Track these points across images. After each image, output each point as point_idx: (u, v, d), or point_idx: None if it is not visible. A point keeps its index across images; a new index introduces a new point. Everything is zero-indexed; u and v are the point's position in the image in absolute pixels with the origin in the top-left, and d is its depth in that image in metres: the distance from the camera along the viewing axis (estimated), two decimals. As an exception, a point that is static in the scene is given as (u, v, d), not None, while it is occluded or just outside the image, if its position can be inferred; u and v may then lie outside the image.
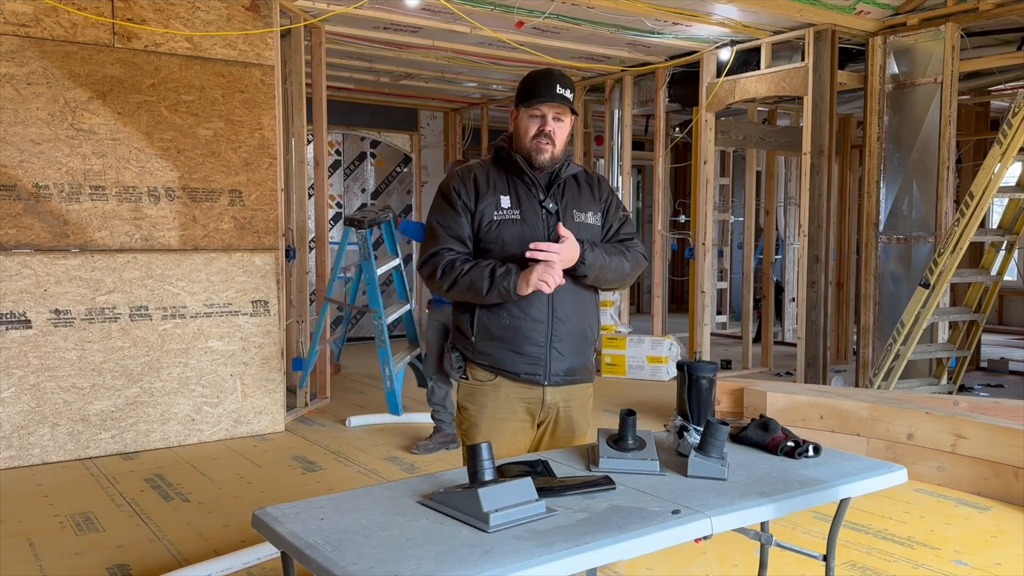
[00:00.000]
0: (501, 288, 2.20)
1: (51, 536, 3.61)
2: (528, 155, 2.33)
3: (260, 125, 5.33)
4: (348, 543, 1.59)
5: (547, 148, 2.32)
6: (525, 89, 2.33)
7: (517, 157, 2.35)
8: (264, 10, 5.31)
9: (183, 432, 5.10)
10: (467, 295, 2.28)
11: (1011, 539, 3.60)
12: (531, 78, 2.35)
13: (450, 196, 2.35)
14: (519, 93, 2.36)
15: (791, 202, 9.41)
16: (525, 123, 2.33)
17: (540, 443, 2.44)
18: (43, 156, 4.64)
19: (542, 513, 1.73)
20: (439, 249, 2.31)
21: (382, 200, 9.98)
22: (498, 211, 2.31)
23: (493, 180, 2.35)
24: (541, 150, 2.32)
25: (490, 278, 2.21)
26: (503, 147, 2.41)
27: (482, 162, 2.43)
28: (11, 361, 4.58)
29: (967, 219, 5.34)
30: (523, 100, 2.33)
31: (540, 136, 2.31)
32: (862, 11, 6.07)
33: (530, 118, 2.32)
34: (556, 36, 6.70)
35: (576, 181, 2.43)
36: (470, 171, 2.38)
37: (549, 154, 2.33)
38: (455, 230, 2.32)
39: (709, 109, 7.15)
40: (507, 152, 2.38)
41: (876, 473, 2.12)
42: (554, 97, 2.29)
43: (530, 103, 2.31)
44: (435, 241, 2.33)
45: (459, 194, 2.33)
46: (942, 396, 5.40)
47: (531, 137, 2.32)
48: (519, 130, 2.35)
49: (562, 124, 2.34)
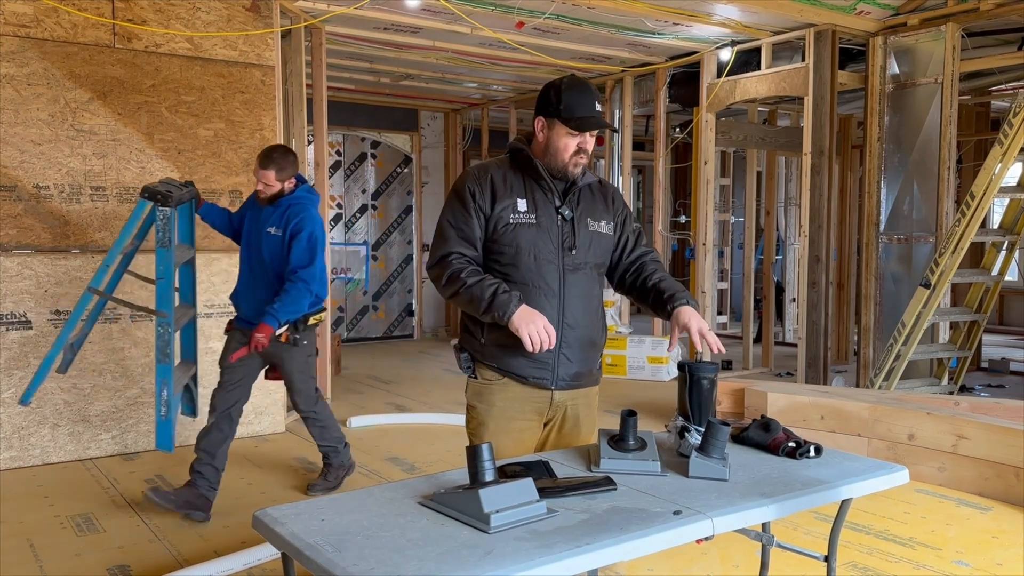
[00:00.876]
0: (497, 313, 2.17)
1: (51, 537, 3.61)
2: (563, 171, 2.31)
3: (260, 126, 5.33)
4: (349, 544, 1.59)
5: (582, 162, 2.32)
6: (564, 105, 2.26)
7: (537, 162, 2.32)
8: (264, 11, 5.31)
9: (183, 433, 5.09)
10: (466, 307, 2.28)
11: (1012, 540, 3.60)
12: (570, 92, 2.27)
13: (464, 197, 2.30)
14: (553, 104, 2.28)
15: (791, 202, 9.41)
16: (563, 140, 2.28)
17: (547, 441, 2.45)
18: (44, 157, 4.64)
19: (543, 514, 1.72)
20: (448, 253, 2.28)
21: (382, 202, 9.99)
22: (515, 214, 2.29)
23: (510, 182, 2.33)
24: (577, 165, 2.31)
25: (490, 300, 2.18)
26: (522, 149, 2.36)
27: (498, 163, 2.39)
28: (12, 362, 4.58)
29: (968, 219, 5.33)
30: (563, 118, 2.26)
31: (578, 153, 2.30)
32: (862, 11, 6.07)
33: (568, 135, 2.27)
34: (556, 36, 6.70)
35: (591, 190, 2.42)
36: (486, 171, 2.35)
37: (583, 168, 2.33)
38: (466, 232, 2.29)
39: (709, 109, 7.15)
40: (525, 155, 2.34)
41: (877, 474, 2.12)
42: (601, 124, 2.27)
43: (576, 127, 2.25)
44: (445, 243, 2.30)
45: (474, 195, 2.29)
46: (943, 396, 5.40)
47: (570, 155, 2.29)
48: (554, 144, 2.29)
49: (594, 137, 2.35)
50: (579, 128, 2.26)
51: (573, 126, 2.26)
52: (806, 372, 6.52)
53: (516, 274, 2.29)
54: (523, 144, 2.38)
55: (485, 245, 2.32)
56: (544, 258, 2.29)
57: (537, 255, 2.28)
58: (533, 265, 2.28)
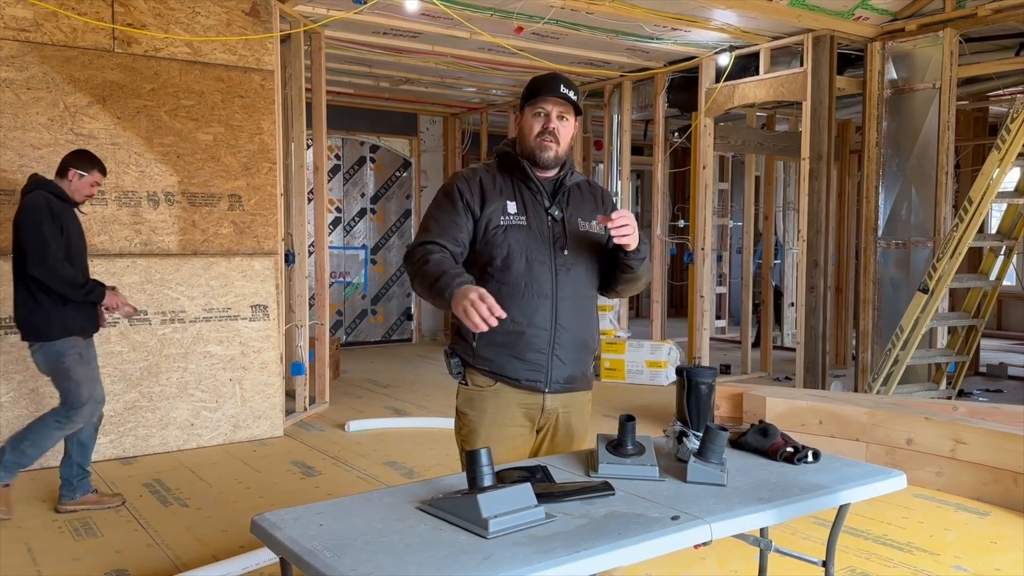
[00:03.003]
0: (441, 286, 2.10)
1: (49, 541, 3.60)
2: (532, 154, 2.32)
3: (260, 130, 5.33)
4: (347, 549, 1.59)
5: (551, 146, 2.30)
6: (529, 90, 2.33)
7: (524, 163, 2.33)
8: (264, 15, 5.32)
9: (182, 437, 5.09)
10: (424, 294, 2.22)
11: (1010, 545, 3.60)
12: (536, 79, 2.35)
13: (452, 194, 2.32)
14: (523, 98, 2.36)
15: (790, 207, 9.42)
16: (529, 122, 2.32)
17: (540, 449, 2.43)
18: (43, 161, 4.64)
19: (541, 519, 1.72)
20: (423, 242, 2.28)
21: (381, 205, 9.99)
22: (505, 216, 2.29)
23: (499, 185, 2.34)
24: (545, 148, 2.30)
25: (438, 276, 2.12)
26: (507, 151, 2.39)
27: (486, 166, 2.41)
28: (10, 366, 4.57)
29: (966, 224, 5.34)
30: (527, 100, 2.33)
31: (544, 134, 2.30)
32: (861, 17, 6.09)
33: (534, 116, 2.31)
34: (555, 41, 6.71)
35: (580, 190, 2.43)
36: (475, 174, 2.36)
37: (553, 152, 2.31)
38: (446, 226, 2.28)
39: (708, 114, 7.17)
40: (512, 157, 2.37)
41: (875, 479, 2.12)
42: (557, 93, 2.28)
43: (534, 101, 2.30)
44: (423, 235, 2.31)
45: (462, 194, 2.30)
46: (941, 401, 5.40)
47: (535, 135, 2.30)
48: (523, 130, 2.34)
49: (566, 124, 2.33)
50: (533, 100, 2.29)
51: (532, 103, 2.30)
52: (804, 376, 6.53)
53: (508, 277, 2.28)
54: (509, 147, 2.40)
55: (476, 248, 2.32)
56: (536, 259, 2.28)
57: (529, 257, 2.28)
58: (525, 267, 2.27)
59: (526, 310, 2.27)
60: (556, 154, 2.32)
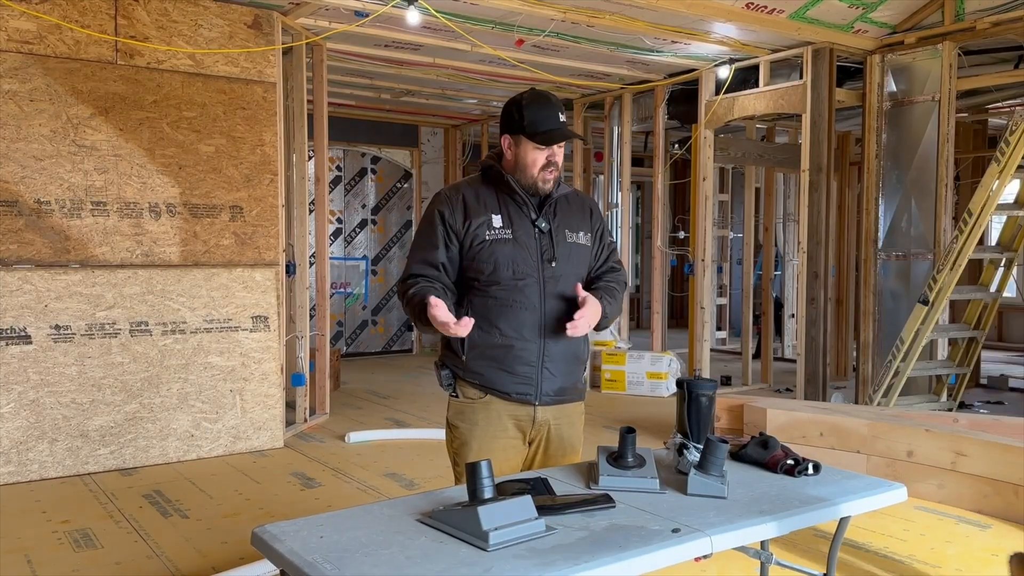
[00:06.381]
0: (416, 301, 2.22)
1: (49, 552, 3.59)
2: (534, 186, 2.31)
3: (261, 141, 5.35)
4: (348, 561, 1.59)
5: (552, 176, 2.31)
6: (528, 121, 2.27)
7: (508, 177, 2.32)
8: (266, 27, 5.35)
9: (182, 448, 5.09)
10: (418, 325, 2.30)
11: (1012, 557, 3.59)
12: (532, 108, 2.29)
13: (433, 220, 2.33)
14: (516, 121, 2.29)
15: (790, 218, 9.44)
16: (531, 155, 2.29)
17: (533, 461, 2.43)
18: (45, 172, 4.66)
19: (541, 531, 1.72)
20: (410, 276, 2.33)
21: (382, 216, 10.01)
22: (490, 230, 2.28)
23: (483, 199, 2.33)
24: (547, 180, 2.31)
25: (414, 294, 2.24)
26: (492, 166, 2.37)
27: (469, 181, 2.40)
28: (11, 376, 4.58)
29: (966, 236, 5.35)
30: (528, 133, 2.27)
31: (548, 167, 2.30)
32: (860, 30, 6.12)
33: (536, 149, 2.29)
34: (556, 54, 6.74)
35: (567, 201, 2.42)
36: (458, 191, 2.35)
37: (553, 180, 2.32)
38: (428, 255, 2.32)
39: (708, 126, 7.19)
40: (496, 171, 2.35)
41: (876, 491, 2.12)
42: (567, 135, 2.29)
43: (542, 141, 2.26)
44: (408, 266, 2.36)
45: (443, 217, 2.31)
46: (942, 413, 5.40)
47: (539, 169, 2.30)
48: (523, 161, 2.30)
49: (562, 149, 2.35)
50: (545, 142, 2.27)
51: (539, 140, 2.27)
52: (805, 388, 6.52)
53: (496, 291, 2.28)
54: (494, 161, 2.38)
55: (463, 264, 2.32)
56: (524, 272, 2.28)
57: (516, 270, 2.27)
58: (512, 281, 2.27)
59: (515, 323, 2.28)
60: (556, 180, 2.34)
